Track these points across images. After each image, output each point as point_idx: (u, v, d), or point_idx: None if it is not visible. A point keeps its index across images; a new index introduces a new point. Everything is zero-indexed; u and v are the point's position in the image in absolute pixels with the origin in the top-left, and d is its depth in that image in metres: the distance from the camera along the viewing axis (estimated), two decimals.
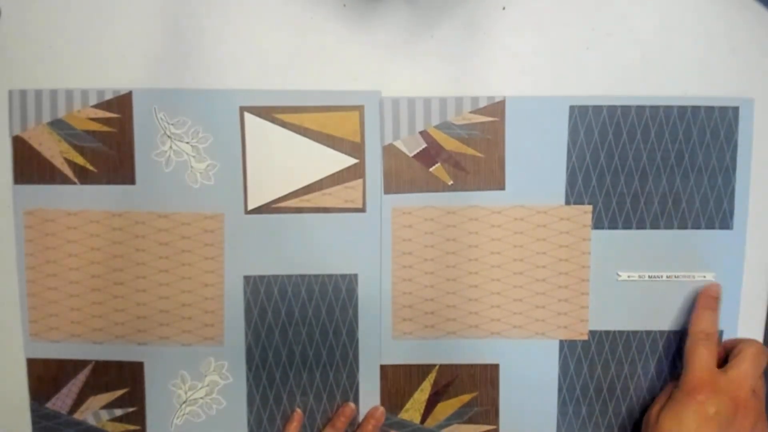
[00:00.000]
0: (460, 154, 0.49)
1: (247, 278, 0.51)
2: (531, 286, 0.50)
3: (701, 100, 0.48)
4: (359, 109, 0.49)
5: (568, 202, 0.49)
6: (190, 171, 0.50)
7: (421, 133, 0.49)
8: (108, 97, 0.49)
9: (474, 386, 0.51)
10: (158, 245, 0.51)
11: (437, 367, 0.51)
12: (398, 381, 0.51)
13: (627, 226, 0.50)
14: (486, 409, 0.51)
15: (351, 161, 0.50)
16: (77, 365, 0.51)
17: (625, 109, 0.48)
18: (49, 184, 0.50)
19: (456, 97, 0.47)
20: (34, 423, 0.51)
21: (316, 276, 0.51)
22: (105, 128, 0.50)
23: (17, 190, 0.50)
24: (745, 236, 0.50)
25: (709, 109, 0.48)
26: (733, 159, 0.49)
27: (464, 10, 0.46)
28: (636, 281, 0.50)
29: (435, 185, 0.49)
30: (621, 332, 0.51)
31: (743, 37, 0.46)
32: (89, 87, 0.48)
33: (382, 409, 0.50)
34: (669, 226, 0.50)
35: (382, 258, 0.50)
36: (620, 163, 0.49)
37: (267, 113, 0.49)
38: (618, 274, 0.50)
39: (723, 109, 0.48)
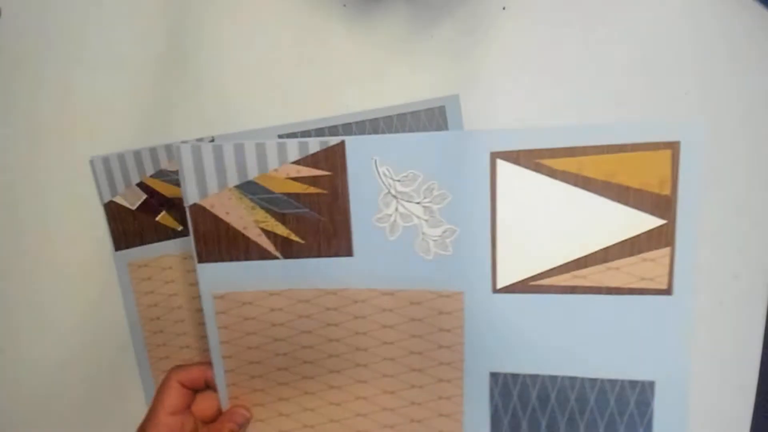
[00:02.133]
0: (182, 199, 0.44)
1: (494, 376, 0.40)
2: None
3: (407, 107, 0.44)
4: (672, 147, 0.37)
5: None
6: (421, 239, 0.40)
7: (138, 185, 0.46)
8: (314, 149, 0.39)
9: None
10: (382, 328, 0.41)
11: None
12: None
13: None
14: None
15: (653, 222, 0.38)
16: None
17: (332, 129, 0.45)
18: (242, 260, 0.41)
19: (165, 144, 0.45)
20: None
21: (592, 380, 0.39)
22: (314, 189, 0.40)
23: (202, 269, 0.41)
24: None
25: (415, 114, 0.45)
26: None
27: (464, 10, 0.45)
28: None
29: (165, 233, 0.46)
30: None
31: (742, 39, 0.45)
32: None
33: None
34: None
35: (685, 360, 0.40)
36: None
37: (528, 159, 0.38)
38: None
39: (429, 111, 0.45)
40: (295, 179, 0.39)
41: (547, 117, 0.43)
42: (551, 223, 0.38)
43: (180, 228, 0.46)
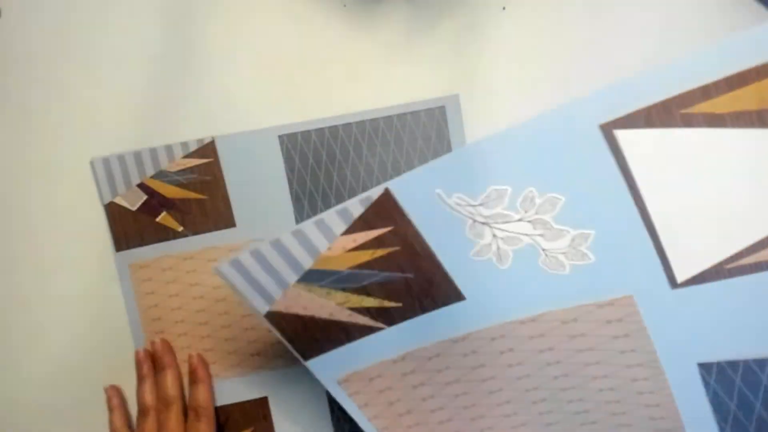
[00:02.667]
0: (183, 200, 0.46)
1: (705, 366, 0.34)
2: None
3: (407, 107, 0.45)
4: None
5: None
6: (545, 256, 0.33)
7: (139, 186, 0.45)
8: (358, 211, 0.33)
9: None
10: (538, 353, 0.36)
11: None
12: None
13: None
14: None
15: None
16: None
17: (333, 130, 0.45)
18: (347, 343, 0.37)
19: (166, 145, 0.45)
20: None
21: None
22: (383, 251, 0.34)
23: (314, 365, 0.38)
24: None
25: (415, 114, 0.45)
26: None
27: (464, 10, 0.45)
28: None
29: (166, 234, 0.46)
30: None
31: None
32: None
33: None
34: None
35: None
36: (340, 182, 0.45)
37: (668, 113, 0.28)
38: None
39: (429, 111, 0.45)
40: (355, 249, 0.34)
41: None
42: (733, 186, 0.29)
43: (180, 229, 0.46)
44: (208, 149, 0.45)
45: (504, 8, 0.45)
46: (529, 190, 0.31)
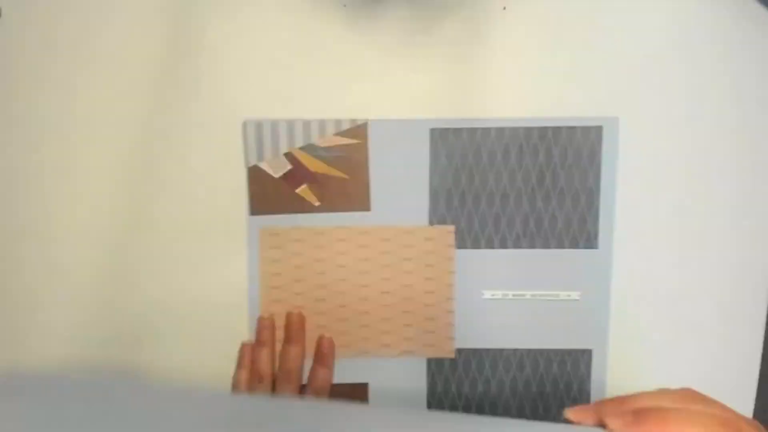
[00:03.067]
0: (325, 176, 0.48)
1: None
2: (399, 305, 0.49)
3: (562, 121, 0.47)
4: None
5: (431, 223, 0.48)
6: None
7: (285, 155, 0.48)
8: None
9: None
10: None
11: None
12: None
13: (489, 245, 0.48)
14: None
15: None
16: None
17: (485, 132, 0.47)
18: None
19: (319, 119, 0.47)
20: None
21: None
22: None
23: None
24: (611, 255, 0.48)
25: (571, 129, 0.47)
26: (597, 180, 0.47)
27: (464, 10, 0.45)
28: (501, 300, 0.49)
29: (302, 206, 0.48)
30: (487, 350, 0.49)
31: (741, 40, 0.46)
32: None
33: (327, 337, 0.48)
34: (532, 245, 0.48)
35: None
36: (481, 185, 0.48)
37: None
38: (483, 293, 0.49)
39: (585, 129, 0.47)
40: None
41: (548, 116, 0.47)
42: None
43: (317, 203, 0.47)
44: (359, 130, 0.46)
45: (504, 8, 0.45)
46: None
